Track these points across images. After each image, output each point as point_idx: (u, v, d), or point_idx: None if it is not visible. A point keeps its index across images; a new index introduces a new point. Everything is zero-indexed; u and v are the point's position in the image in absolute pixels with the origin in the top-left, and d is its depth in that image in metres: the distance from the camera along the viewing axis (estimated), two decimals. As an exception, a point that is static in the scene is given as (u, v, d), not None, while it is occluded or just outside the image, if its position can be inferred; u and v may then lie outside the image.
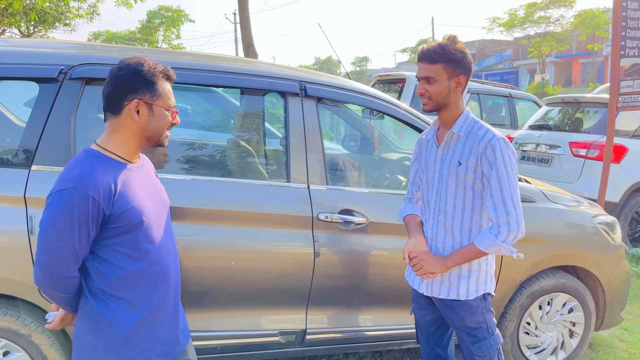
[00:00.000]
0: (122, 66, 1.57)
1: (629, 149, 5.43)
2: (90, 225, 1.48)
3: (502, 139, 1.97)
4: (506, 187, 1.94)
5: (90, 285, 1.58)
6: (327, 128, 6.12)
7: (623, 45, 4.49)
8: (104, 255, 1.56)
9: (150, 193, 1.67)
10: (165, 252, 1.68)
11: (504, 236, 1.94)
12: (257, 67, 2.68)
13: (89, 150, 1.57)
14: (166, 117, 1.62)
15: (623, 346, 3.59)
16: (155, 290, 1.64)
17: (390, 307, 2.80)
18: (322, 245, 2.55)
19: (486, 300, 2.12)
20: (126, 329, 1.59)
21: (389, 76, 8.98)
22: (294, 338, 2.63)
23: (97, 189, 1.47)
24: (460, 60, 1.98)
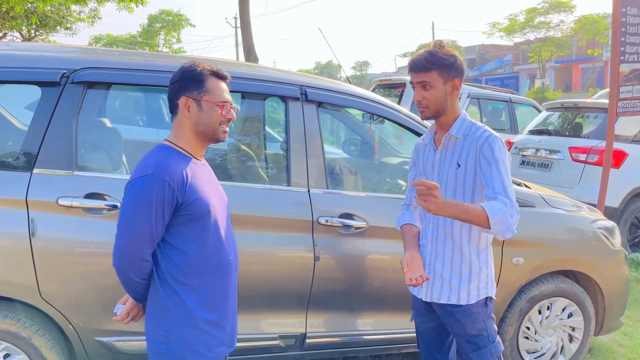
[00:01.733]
0: (176, 71, 1.73)
1: (628, 154, 5.44)
2: (165, 209, 1.59)
3: (499, 138, 2.00)
4: (505, 178, 1.94)
5: (160, 272, 1.67)
6: (327, 132, 6.13)
7: (622, 51, 4.51)
8: (174, 242, 1.66)
9: (213, 189, 1.78)
10: (227, 243, 1.78)
11: (512, 210, 1.88)
12: (258, 72, 2.70)
13: (162, 145, 1.71)
14: (215, 110, 1.70)
15: (622, 351, 3.59)
16: (219, 279, 1.74)
17: (389, 311, 2.80)
18: (322, 249, 2.56)
19: (487, 306, 2.11)
20: (194, 314, 1.67)
21: (389, 81, 9.01)
22: (294, 342, 2.64)
23: (172, 176, 1.59)
24: (452, 64, 1.98)
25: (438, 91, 1.98)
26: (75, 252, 2.25)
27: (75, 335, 2.31)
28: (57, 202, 2.19)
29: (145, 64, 2.49)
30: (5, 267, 2.16)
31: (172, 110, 1.74)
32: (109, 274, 2.27)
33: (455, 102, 2.06)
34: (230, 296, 1.81)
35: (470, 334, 2.10)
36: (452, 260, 2.07)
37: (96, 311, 2.30)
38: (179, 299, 1.66)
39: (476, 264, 2.07)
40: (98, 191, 2.27)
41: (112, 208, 2.26)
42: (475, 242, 2.06)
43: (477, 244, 2.07)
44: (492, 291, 2.12)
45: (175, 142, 1.72)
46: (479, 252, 2.07)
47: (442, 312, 2.14)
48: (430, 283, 2.12)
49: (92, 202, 2.25)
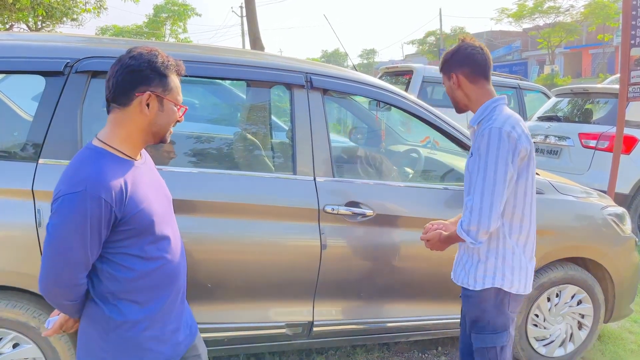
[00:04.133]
0: (135, 55, 1.49)
1: (639, 140, 5.37)
2: (102, 229, 1.41)
3: (496, 129, 1.91)
4: (480, 176, 1.92)
5: (99, 290, 1.52)
6: (335, 121, 6.10)
7: (633, 35, 4.43)
8: (115, 259, 1.50)
9: (156, 191, 1.61)
10: (174, 250, 1.63)
11: (465, 224, 1.97)
12: (263, 59, 2.67)
13: (94, 148, 1.48)
14: (174, 113, 1.56)
15: (632, 338, 3.57)
16: (166, 290, 1.60)
17: (397, 299, 2.80)
18: (329, 237, 2.55)
19: (496, 298, 2.07)
20: (137, 331, 1.54)
21: (396, 68, 8.93)
22: (301, 330, 2.64)
23: (109, 191, 1.39)
24: (448, 60, 2.10)
25: (447, 88, 2.13)
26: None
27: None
28: (63, 193, 2.19)
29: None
30: (12, 257, 2.17)
31: (120, 101, 1.48)
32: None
33: (472, 93, 2.07)
34: (179, 305, 1.68)
35: (471, 318, 2.14)
36: (466, 247, 2.13)
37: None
38: (122, 317, 1.51)
39: (484, 253, 2.07)
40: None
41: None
42: None
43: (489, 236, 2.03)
44: (503, 283, 2.06)
45: (111, 142, 1.49)
46: (489, 242, 2.05)
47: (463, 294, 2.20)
48: (455, 264, 2.24)
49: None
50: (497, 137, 1.90)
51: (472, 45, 2.06)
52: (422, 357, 3.25)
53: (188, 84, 2.99)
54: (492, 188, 1.91)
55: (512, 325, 2.14)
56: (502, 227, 2.04)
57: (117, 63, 1.50)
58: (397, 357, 3.22)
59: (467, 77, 2.05)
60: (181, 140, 2.79)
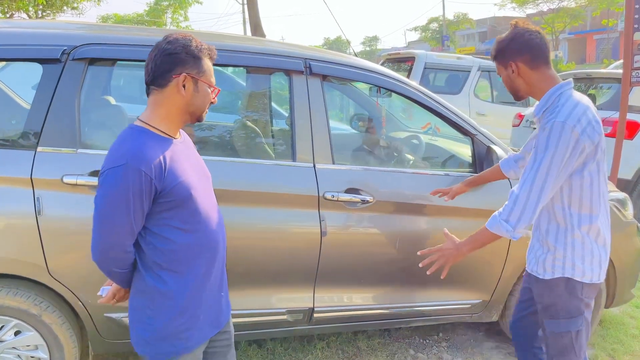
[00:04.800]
0: (171, 40, 1.60)
1: (642, 125, 5.32)
2: (144, 200, 1.52)
3: (559, 124, 1.81)
4: (534, 170, 1.86)
5: (144, 260, 1.62)
6: (336, 108, 6.07)
7: (637, 19, 4.38)
8: (156, 230, 1.60)
9: (195, 167, 1.71)
10: (213, 223, 1.72)
11: (505, 213, 1.91)
12: (262, 45, 2.65)
13: (135, 127, 1.59)
14: (208, 94, 1.66)
15: (634, 323, 3.57)
16: (205, 261, 1.69)
17: (397, 286, 2.80)
18: (329, 224, 2.54)
19: (567, 287, 2.02)
20: (180, 299, 1.64)
21: (398, 55, 8.88)
22: (302, 316, 2.65)
23: (149, 164, 1.49)
24: (505, 46, 1.99)
25: (504, 77, 2.04)
26: (82, 229, 2.24)
27: (85, 311, 2.33)
28: (62, 180, 2.19)
29: (149, 40, 2.46)
30: (13, 245, 2.18)
31: (159, 83, 1.58)
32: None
33: (533, 80, 1.96)
34: (217, 277, 1.77)
35: (543, 304, 2.08)
36: (538, 236, 2.10)
37: (105, 288, 2.31)
38: (165, 286, 1.62)
39: (552, 244, 2.02)
40: (103, 169, 2.25)
41: (117, 185, 2.25)
42: (551, 223, 2.01)
43: (557, 224, 2.00)
44: (573, 273, 1.99)
45: (151, 122, 1.60)
46: (558, 232, 2.00)
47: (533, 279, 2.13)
48: (529, 251, 2.17)
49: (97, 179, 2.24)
50: (558, 132, 1.81)
51: (528, 29, 1.96)
52: (423, 342, 3.27)
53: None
54: (542, 184, 1.85)
55: (587, 310, 2.06)
56: (570, 219, 1.97)
57: (155, 48, 1.60)
58: (398, 343, 3.23)
59: (527, 64, 1.94)
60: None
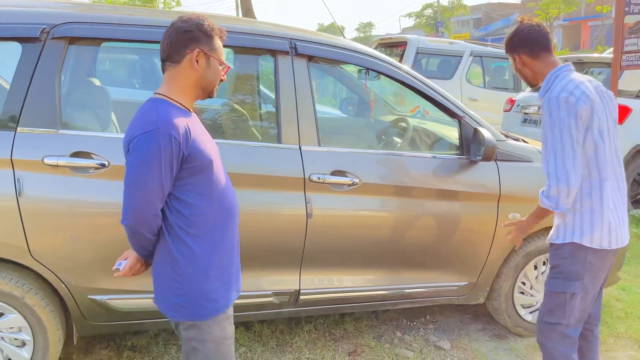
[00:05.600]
0: (186, 19, 1.70)
1: (632, 109, 5.32)
2: (173, 163, 1.60)
3: (554, 99, 1.99)
4: (548, 145, 2.01)
5: (169, 227, 1.68)
6: (324, 91, 6.04)
7: (628, 2, 4.36)
8: (181, 195, 1.67)
9: (208, 139, 1.79)
10: (229, 190, 1.81)
11: (545, 191, 2.06)
12: (246, 25, 2.61)
13: (157, 99, 1.67)
14: (219, 71, 1.74)
15: (620, 305, 3.60)
16: (225, 226, 1.77)
17: (383, 268, 2.80)
18: (315, 206, 2.53)
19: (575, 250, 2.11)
20: (206, 262, 1.70)
21: (390, 39, 8.82)
22: (288, 299, 2.65)
23: (178, 130, 1.58)
24: (509, 42, 2.22)
25: (515, 67, 2.26)
26: (64, 211, 2.23)
27: (68, 294, 2.32)
28: (43, 161, 2.16)
29: (134, 19, 2.42)
30: (-6, 227, 2.15)
31: (174, 59, 1.68)
32: (99, 233, 2.28)
33: (538, 67, 2.16)
34: (235, 241, 1.85)
35: (551, 263, 2.23)
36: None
37: (88, 269, 2.30)
38: (189, 251, 1.69)
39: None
40: (85, 150, 2.23)
41: (99, 167, 2.23)
42: None
43: None
44: (582, 238, 2.09)
45: (170, 95, 1.69)
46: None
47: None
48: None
49: (79, 160, 2.21)
50: (555, 105, 1.99)
51: (528, 25, 2.19)
52: (411, 325, 3.28)
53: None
54: (561, 153, 1.98)
55: (589, 276, 2.13)
56: (580, 187, 2.07)
57: (170, 27, 1.70)
58: (385, 325, 3.25)
59: (528, 55, 2.16)
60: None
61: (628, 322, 3.35)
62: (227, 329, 1.78)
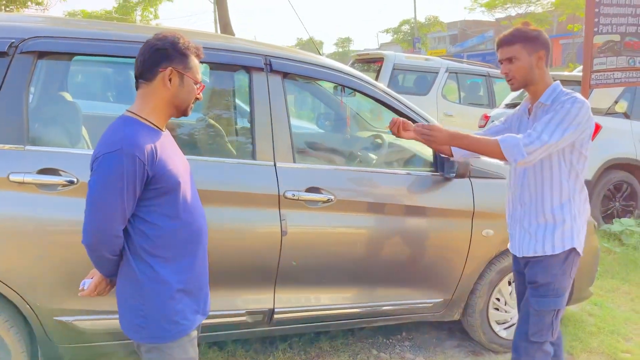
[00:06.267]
0: (160, 37, 1.69)
1: (602, 126, 5.45)
2: (136, 185, 1.57)
3: (579, 101, 2.03)
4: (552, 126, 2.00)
5: (132, 247, 1.66)
6: (301, 106, 6.04)
7: (597, 22, 4.48)
8: (145, 216, 1.65)
9: (179, 158, 1.78)
10: (197, 212, 1.78)
11: (526, 139, 2.01)
12: (220, 41, 2.60)
13: (126, 117, 1.65)
14: (194, 89, 1.72)
15: (592, 320, 3.64)
16: (192, 249, 1.74)
17: (358, 285, 2.79)
18: (289, 223, 2.50)
19: (567, 260, 2.15)
20: (169, 284, 1.68)
21: (367, 55, 8.93)
22: (262, 317, 2.60)
23: (142, 150, 1.56)
24: (536, 37, 2.13)
25: (524, 63, 2.13)
26: (30, 229, 2.16)
27: (33, 315, 2.24)
28: (9, 178, 2.10)
29: (106, 34, 2.39)
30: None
31: (147, 77, 1.66)
32: (66, 252, 2.21)
33: (544, 73, 2.16)
34: (203, 264, 1.81)
35: (538, 282, 2.17)
36: (537, 216, 2.19)
37: (55, 290, 2.23)
38: (153, 272, 1.66)
39: (560, 216, 2.15)
40: (52, 166, 2.17)
41: (68, 184, 2.18)
42: (558, 197, 2.15)
43: (560, 198, 2.15)
44: (578, 243, 2.15)
45: (140, 113, 1.67)
46: (563, 205, 2.15)
47: (525, 265, 2.26)
48: (520, 239, 2.26)
49: (46, 177, 2.16)
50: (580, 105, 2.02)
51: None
52: (386, 342, 3.26)
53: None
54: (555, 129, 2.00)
55: (568, 289, 2.21)
56: (572, 190, 2.15)
57: (145, 44, 1.69)
58: (361, 343, 3.22)
59: (545, 60, 2.16)
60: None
61: (601, 337, 3.39)
62: (190, 351, 1.75)
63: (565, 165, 2.13)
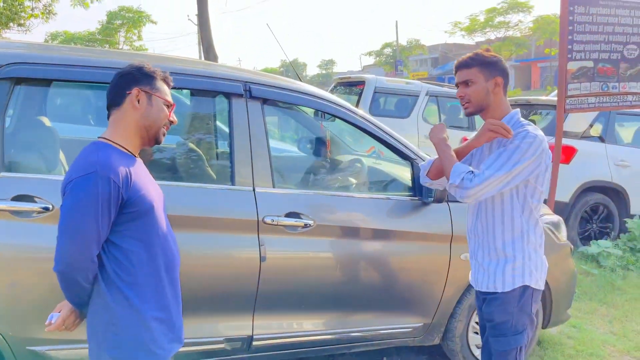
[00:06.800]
0: (128, 65, 1.74)
1: (578, 149, 5.57)
2: (111, 208, 1.56)
3: (534, 136, 1.99)
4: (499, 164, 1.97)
5: (105, 274, 1.63)
6: (281, 129, 6.07)
7: (570, 49, 4.61)
8: (119, 241, 1.63)
9: (152, 184, 1.77)
10: (170, 238, 1.77)
11: (467, 181, 1.97)
12: (200, 67, 2.62)
13: (99, 142, 1.65)
14: (164, 110, 1.73)
15: (571, 343, 3.67)
16: (165, 275, 1.72)
17: (339, 311, 2.78)
18: (268, 249, 2.50)
19: (522, 297, 2.10)
20: (143, 313, 1.65)
21: (349, 79, 9.02)
22: (240, 345, 2.58)
23: (117, 173, 1.56)
24: (495, 62, 2.11)
25: (479, 87, 2.10)
26: (2, 257, 2.13)
27: (5, 344, 2.19)
28: (-18, 205, 2.07)
29: (85, 60, 2.39)
30: None
31: (116, 102, 1.69)
32: (40, 280, 2.18)
33: (501, 100, 2.13)
34: (177, 291, 1.81)
35: (495, 321, 2.14)
36: (489, 250, 2.16)
37: (27, 319, 2.19)
38: (126, 300, 1.63)
39: (510, 253, 2.10)
40: (27, 193, 2.15)
41: (43, 210, 2.15)
42: (510, 233, 2.10)
43: (512, 234, 2.11)
44: (530, 280, 2.10)
45: (113, 139, 1.67)
46: (514, 241, 2.11)
47: (481, 301, 2.22)
48: (475, 272, 2.23)
49: (21, 204, 2.13)
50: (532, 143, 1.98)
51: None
52: (367, 367, 3.24)
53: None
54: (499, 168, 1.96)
55: (531, 324, 2.17)
56: (526, 226, 2.10)
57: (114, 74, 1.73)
58: (342, 368, 3.20)
59: (502, 86, 2.13)
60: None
61: (579, 360, 3.42)
62: None
63: (518, 200, 2.08)
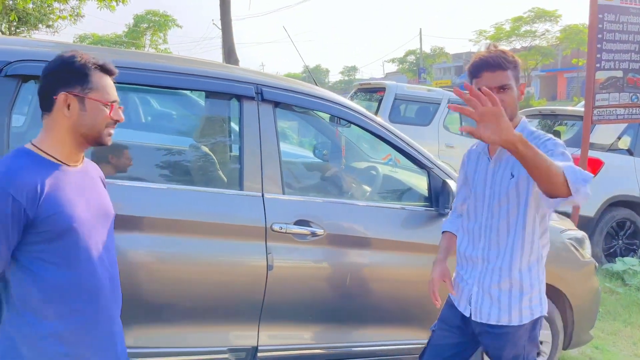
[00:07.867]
0: (54, 59, 1.50)
1: (604, 162, 5.38)
2: (9, 227, 1.36)
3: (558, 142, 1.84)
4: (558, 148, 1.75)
5: (12, 299, 1.44)
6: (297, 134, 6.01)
7: (599, 58, 4.45)
8: (28, 264, 1.42)
9: (88, 200, 1.53)
10: (99, 265, 1.53)
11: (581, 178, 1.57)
12: (211, 69, 2.55)
13: (21, 149, 1.46)
14: (102, 111, 1.50)
15: (593, 365, 3.50)
16: (83, 306, 1.50)
17: (346, 324, 2.68)
18: (276, 257, 2.41)
19: (534, 330, 1.94)
20: (51, 348, 1.44)
21: (369, 85, 8.94)
22: (245, 355, 2.49)
23: (20, 188, 1.36)
24: (519, 66, 1.87)
25: (514, 93, 1.82)
26: None
27: None
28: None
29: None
30: None
31: (45, 107, 1.47)
32: None
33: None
34: (105, 324, 1.56)
35: (506, 357, 1.93)
36: (501, 278, 1.91)
37: None
38: (32, 331, 1.42)
39: (527, 283, 1.90)
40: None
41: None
42: (527, 258, 1.90)
43: (529, 259, 1.90)
44: (543, 309, 1.96)
45: (41, 146, 1.47)
46: (531, 269, 1.91)
47: (482, 332, 1.97)
48: (479, 301, 1.95)
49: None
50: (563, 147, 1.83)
51: None
52: (377, 383, 3.12)
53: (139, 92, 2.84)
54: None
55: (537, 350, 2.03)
56: (542, 250, 1.94)
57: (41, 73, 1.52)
58: (350, 383, 3.08)
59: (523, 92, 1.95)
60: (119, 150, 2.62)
61: (601, 384, 3.25)
62: None
63: (538, 220, 1.88)
